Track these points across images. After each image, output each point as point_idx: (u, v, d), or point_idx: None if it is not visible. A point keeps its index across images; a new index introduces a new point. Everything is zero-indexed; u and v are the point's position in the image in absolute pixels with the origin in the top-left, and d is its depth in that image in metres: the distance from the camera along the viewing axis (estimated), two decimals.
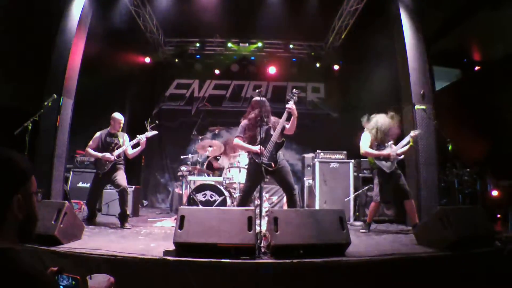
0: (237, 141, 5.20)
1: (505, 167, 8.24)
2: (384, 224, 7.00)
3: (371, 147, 5.93)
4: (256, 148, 4.93)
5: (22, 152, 5.27)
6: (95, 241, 4.33)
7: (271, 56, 11.18)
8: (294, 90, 5.22)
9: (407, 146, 5.94)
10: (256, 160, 4.93)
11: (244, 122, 5.32)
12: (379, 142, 5.93)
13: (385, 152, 5.82)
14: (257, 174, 4.95)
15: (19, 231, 1.29)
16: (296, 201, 5.03)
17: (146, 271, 3.40)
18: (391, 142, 5.95)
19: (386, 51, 8.07)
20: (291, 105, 4.98)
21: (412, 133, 5.86)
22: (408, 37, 7.00)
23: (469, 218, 4.36)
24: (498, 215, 6.81)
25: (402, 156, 6.09)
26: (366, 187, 7.33)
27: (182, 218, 3.72)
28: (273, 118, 5.29)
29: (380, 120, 5.93)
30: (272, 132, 5.09)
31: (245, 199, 5.15)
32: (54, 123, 6.40)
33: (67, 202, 4.24)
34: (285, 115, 5.03)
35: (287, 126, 5.08)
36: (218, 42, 10.91)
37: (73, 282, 1.82)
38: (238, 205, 5.28)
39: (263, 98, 5.22)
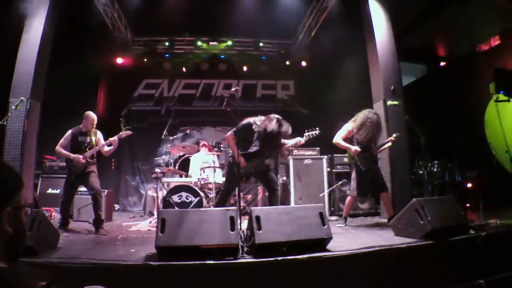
0: (231, 136, 5.07)
1: (470, 158, 8.58)
2: (359, 217, 7.13)
3: (350, 138, 5.98)
4: (242, 158, 4.87)
5: None
6: (72, 250, 4.18)
7: (241, 54, 11.17)
8: (315, 132, 5.68)
9: (385, 147, 6.10)
10: (234, 166, 4.88)
11: (249, 125, 5.13)
12: (362, 139, 5.90)
13: (353, 148, 5.84)
14: (236, 177, 4.93)
15: (8, 247, 1.23)
16: (278, 197, 5.10)
17: (129, 278, 3.33)
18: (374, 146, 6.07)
19: (356, 48, 8.20)
20: (301, 141, 5.45)
21: (394, 136, 5.96)
22: (379, 33, 7.15)
23: (443, 208, 4.52)
24: (468, 204, 7.09)
25: (380, 156, 6.24)
26: (340, 182, 7.45)
27: (163, 221, 3.66)
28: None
29: (369, 115, 5.96)
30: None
31: (225, 200, 5.15)
32: (22, 128, 6.13)
33: (41, 210, 4.09)
34: (293, 142, 5.33)
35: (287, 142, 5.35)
36: (188, 40, 10.80)
37: None
38: (217, 205, 5.24)
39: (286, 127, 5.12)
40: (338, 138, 5.96)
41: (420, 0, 8.44)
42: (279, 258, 3.48)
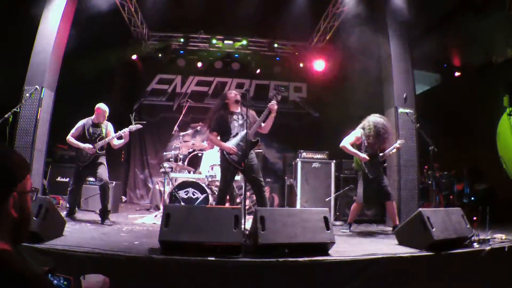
0: (212, 136, 5.10)
1: (480, 170, 8.50)
2: (364, 224, 7.10)
3: (358, 144, 5.94)
4: (229, 147, 4.88)
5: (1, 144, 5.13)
6: (77, 238, 4.24)
7: (255, 54, 11.18)
8: (280, 87, 5.10)
9: (390, 152, 6.07)
10: (227, 157, 4.90)
11: (217, 115, 5.16)
12: (373, 142, 5.90)
13: (362, 155, 5.80)
14: (228, 171, 4.99)
15: (13, 231, 1.26)
16: (266, 198, 5.03)
17: (132, 270, 3.36)
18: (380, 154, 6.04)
19: (370, 53, 8.17)
20: (274, 103, 4.87)
21: (399, 142, 5.95)
22: (393, 40, 7.12)
23: (449, 220, 4.47)
24: (475, 218, 7.02)
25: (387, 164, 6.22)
26: (347, 188, 7.42)
27: (167, 215, 3.68)
28: (250, 113, 5.08)
29: (378, 121, 5.93)
30: (247, 130, 4.89)
31: (222, 196, 5.11)
32: (35, 115, 6.23)
33: (48, 197, 4.15)
34: (265, 113, 4.91)
35: (263, 125, 5.00)
36: (202, 38, 10.84)
37: (65, 283, 1.77)
38: (217, 203, 5.22)
39: (238, 91, 5.17)
40: (346, 143, 5.90)
41: (436, 8, 8.37)
42: (281, 260, 3.49)
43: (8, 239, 1.24)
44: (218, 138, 5.09)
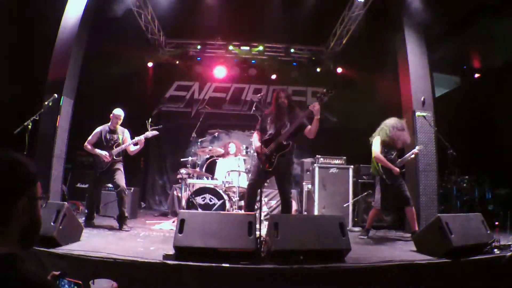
0: (255, 134, 5.12)
1: (503, 175, 8.28)
2: (383, 230, 6.99)
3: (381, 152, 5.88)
4: (258, 146, 4.82)
5: (22, 152, 5.26)
6: (93, 243, 4.31)
7: (272, 60, 11.17)
8: (324, 89, 4.72)
9: (408, 159, 5.99)
10: (257, 156, 4.88)
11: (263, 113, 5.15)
12: (389, 144, 5.85)
13: (394, 168, 5.74)
14: (258, 169, 4.92)
15: (22, 236, 1.28)
16: (289, 207, 4.94)
17: (146, 275, 3.39)
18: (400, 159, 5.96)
19: (387, 57, 8.08)
20: (314, 105, 4.60)
21: (417, 148, 5.87)
22: (410, 44, 7.03)
23: (468, 226, 4.37)
24: (496, 223, 6.83)
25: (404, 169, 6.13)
26: (365, 193, 7.31)
27: (182, 221, 3.71)
28: (301, 113, 4.94)
29: (394, 122, 5.88)
30: (282, 130, 4.85)
31: (250, 193, 5.00)
32: (54, 123, 6.37)
33: (66, 203, 4.22)
34: (303, 115, 4.77)
35: (309, 127, 4.82)
36: (219, 44, 10.90)
37: (75, 287, 1.80)
38: (246, 198, 5.18)
39: (283, 88, 5.08)
40: (378, 153, 5.83)
41: (453, 11, 8.23)
42: (295, 266, 3.46)
43: (18, 243, 1.26)
44: (257, 137, 5.06)
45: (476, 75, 10.48)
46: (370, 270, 3.60)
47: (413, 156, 5.94)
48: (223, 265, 3.41)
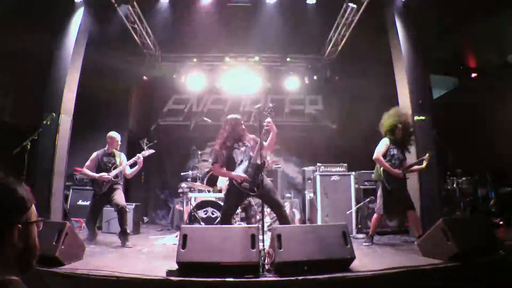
0: (216, 167, 4.96)
1: (504, 174, 8.26)
2: (387, 236, 6.95)
3: (385, 155, 5.83)
4: (238, 175, 4.71)
5: (21, 171, 5.27)
6: (96, 261, 4.29)
7: (269, 70, 11.19)
8: (270, 104, 4.94)
9: (419, 167, 5.86)
10: (237, 186, 4.72)
11: (215, 146, 5.05)
12: (398, 147, 5.85)
13: (395, 170, 5.71)
14: (237, 197, 4.86)
15: (19, 261, 1.27)
16: (287, 217, 4.85)
17: None
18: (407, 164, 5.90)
19: (383, 61, 8.11)
20: (268, 121, 4.69)
21: (428, 155, 5.73)
22: (405, 47, 7.06)
23: (472, 228, 4.37)
24: (501, 222, 6.81)
25: (409, 175, 6.08)
26: (368, 199, 7.29)
27: (184, 237, 3.69)
28: (251, 136, 5.03)
29: (402, 113, 5.88)
30: (251, 153, 4.84)
31: (226, 221, 4.89)
32: (53, 141, 6.38)
33: (67, 222, 4.20)
34: (263, 132, 4.72)
35: (265, 143, 4.79)
36: (215, 56, 10.93)
37: None
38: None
39: (237, 116, 5.08)
40: (380, 155, 5.82)
41: (449, 11, 8.27)
42: (300, 278, 3.43)
43: (15, 268, 1.25)
44: (223, 168, 4.95)
45: (473, 75, 10.51)
46: (376, 279, 3.57)
47: (423, 165, 5.77)
48: (227, 279, 3.39)
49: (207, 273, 3.45)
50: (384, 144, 5.89)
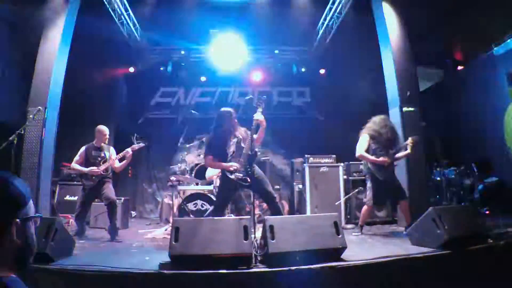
0: (208, 160, 5.00)
1: (489, 164, 8.41)
2: (376, 226, 7.03)
3: (368, 150, 5.87)
4: (230, 164, 4.75)
5: (8, 167, 5.17)
6: (87, 257, 4.23)
7: (256, 62, 11.15)
8: (262, 96, 4.96)
9: (405, 153, 5.91)
10: (229, 176, 4.75)
11: (209, 137, 5.12)
12: (380, 144, 5.85)
13: (380, 158, 5.74)
14: (230, 190, 4.91)
15: (17, 258, 1.25)
16: (279, 208, 4.88)
17: (143, 286, 3.34)
18: (392, 151, 5.91)
19: (371, 54, 8.14)
20: (258, 115, 4.71)
21: (411, 138, 5.77)
22: (393, 39, 7.09)
23: (461, 217, 4.46)
24: (487, 212, 6.94)
25: (397, 163, 6.14)
26: (356, 190, 7.36)
27: (176, 230, 3.68)
28: (242, 129, 5.06)
29: (382, 119, 5.91)
30: (243, 144, 4.87)
31: (218, 215, 4.88)
32: (39, 136, 6.26)
33: (57, 218, 4.15)
34: (254, 126, 4.75)
35: (255, 136, 4.80)
36: (203, 49, 10.85)
37: None
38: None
39: (230, 109, 5.10)
40: (362, 151, 5.84)
41: (436, 3, 8.34)
42: (293, 268, 3.45)
43: (13, 266, 1.23)
44: (216, 160, 4.96)
45: (459, 67, 10.64)
46: (367, 267, 3.62)
47: (409, 151, 5.84)
48: (221, 271, 3.38)
49: (200, 265, 3.45)
50: (365, 140, 5.90)
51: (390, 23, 7.16)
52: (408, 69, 7.06)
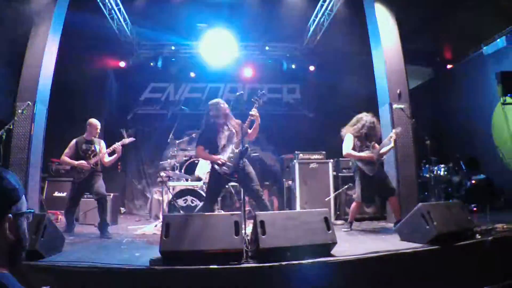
0: (199, 150, 4.99)
1: (477, 162, 8.53)
2: (365, 222, 7.10)
3: (354, 148, 5.93)
4: (219, 157, 4.78)
5: None
6: (77, 253, 4.21)
7: (247, 58, 11.14)
8: (259, 91, 4.92)
9: (389, 147, 5.98)
10: (218, 170, 4.78)
11: (202, 129, 5.14)
12: (362, 141, 5.91)
13: (367, 154, 5.81)
14: (217, 182, 4.91)
15: (10, 253, 1.24)
16: (266, 205, 4.88)
17: (134, 282, 3.33)
18: (373, 143, 5.95)
19: (362, 51, 8.18)
20: (254, 111, 4.72)
21: (394, 131, 5.82)
22: (384, 37, 7.11)
23: (450, 213, 4.48)
24: (475, 209, 7.04)
25: (384, 157, 6.19)
26: (346, 186, 7.43)
27: (167, 225, 3.66)
28: (234, 122, 5.04)
29: (365, 118, 5.96)
30: (235, 138, 4.88)
31: (208, 209, 4.93)
32: (28, 131, 6.18)
33: (46, 214, 4.11)
34: (248, 121, 4.78)
35: (249, 131, 4.85)
36: (193, 44, 10.80)
37: None
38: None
39: (221, 100, 5.08)
40: (349, 149, 5.88)
41: (427, 2, 8.40)
42: (283, 263, 3.46)
43: (6, 261, 1.22)
44: (206, 151, 4.98)
45: (449, 66, 10.74)
46: (357, 262, 3.64)
47: (392, 145, 5.95)
48: (211, 266, 3.38)
49: (191, 261, 3.44)
50: (350, 139, 5.95)
51: (382, 21, 7.18)
52: (399, 67, 7.10)
